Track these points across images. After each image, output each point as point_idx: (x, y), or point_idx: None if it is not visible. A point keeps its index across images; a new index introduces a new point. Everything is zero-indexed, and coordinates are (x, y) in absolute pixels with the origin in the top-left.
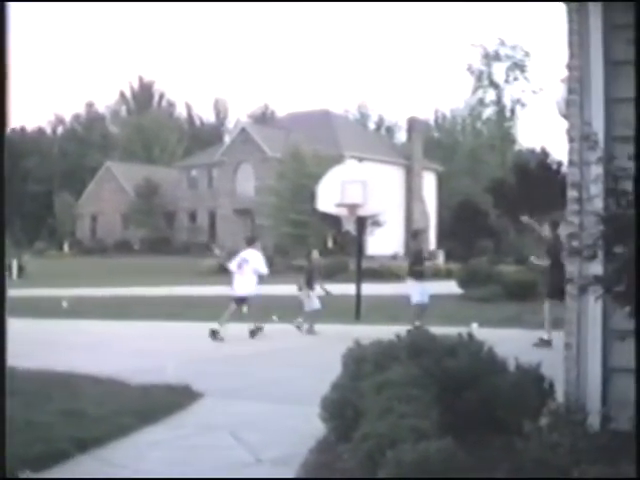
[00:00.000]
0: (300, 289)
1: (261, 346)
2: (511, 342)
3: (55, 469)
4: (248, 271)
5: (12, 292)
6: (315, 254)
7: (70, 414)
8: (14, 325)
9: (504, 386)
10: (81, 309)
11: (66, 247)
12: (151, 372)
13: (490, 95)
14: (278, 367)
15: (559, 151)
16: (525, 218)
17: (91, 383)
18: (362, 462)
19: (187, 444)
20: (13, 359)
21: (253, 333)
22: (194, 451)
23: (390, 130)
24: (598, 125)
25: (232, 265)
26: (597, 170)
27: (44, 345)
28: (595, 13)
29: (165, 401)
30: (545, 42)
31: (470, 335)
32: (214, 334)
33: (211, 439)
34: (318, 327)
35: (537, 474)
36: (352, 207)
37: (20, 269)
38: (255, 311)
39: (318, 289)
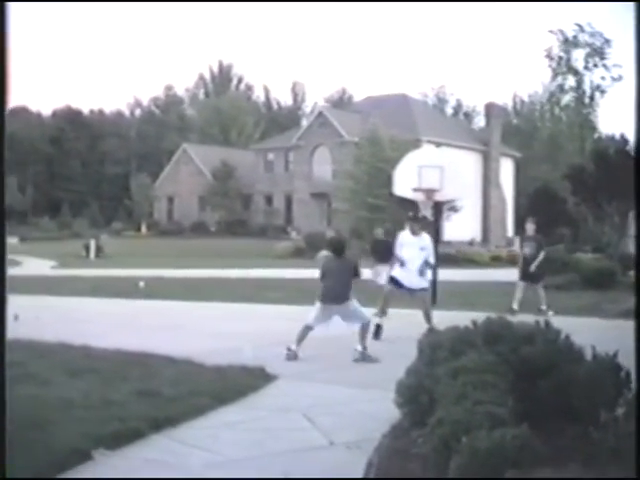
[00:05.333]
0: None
1: (337, 329)
2: (588, 331)
3: (129, 448)
4: None
5: (90, 272)
6: None
7: (145, 394)
8: (91, 305)
9: (580, 375)
10: (158, 290)
11: (144, 228)
12: (226, 353)
13: (570, 81)
14: (353, 350)
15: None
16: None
17: (166, 363)
18: (436, 448)
19: (261, 426)
20: (90, 339)
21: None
22: (268, 433)
23: (468, 115)
24: None
25: None
26: None
27: (120, 325)
28: None
29: (240, 382)
30: (625, 29)
31: (547, 323)
32: None
33: (285, 421)
34: (393, 312)
35: (613, 464)
36: (429, 192)
37: (98, 249)
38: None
39: None
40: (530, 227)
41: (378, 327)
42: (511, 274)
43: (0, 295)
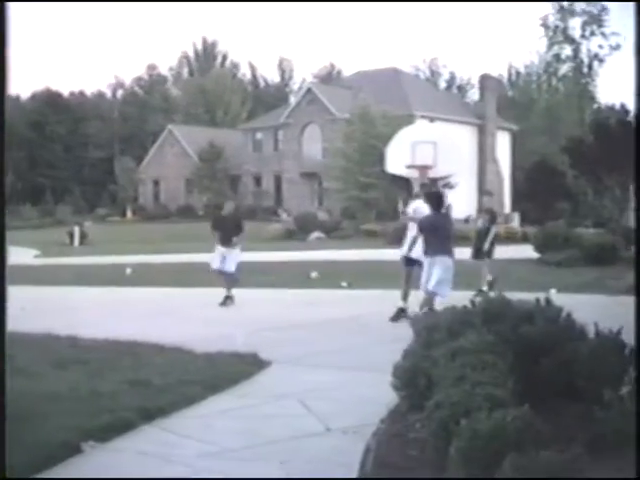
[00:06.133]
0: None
1: (331, 313)
2: (591, 308)
3: (120, 439)
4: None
5: (74, 260)
6: None
7: (135, 383)
8: (77, 294)
9: (583, 353)
10: (145, 277)
11: (129, 213)
12: (217, 340)
13: (566, 51)
14: (348, 334)
15: None
16: None
17: (156, 352)
18: (435, 431)
19: (255, 413)
20: (77, 329)
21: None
22: (262, 420)
23: (462, 88)
24: None
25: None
26: None
27: (108, 314)
28: None
29: (232, 369)
30: None
31: (547, 300)
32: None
33: (280, 408)
34: (389, 294)
35: (617, 444)
36: (423, 169)
37: (82, 236)
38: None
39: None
40: (484, 200)
41: (401, 310)
42: (509, 251)
43: (0, 293)
